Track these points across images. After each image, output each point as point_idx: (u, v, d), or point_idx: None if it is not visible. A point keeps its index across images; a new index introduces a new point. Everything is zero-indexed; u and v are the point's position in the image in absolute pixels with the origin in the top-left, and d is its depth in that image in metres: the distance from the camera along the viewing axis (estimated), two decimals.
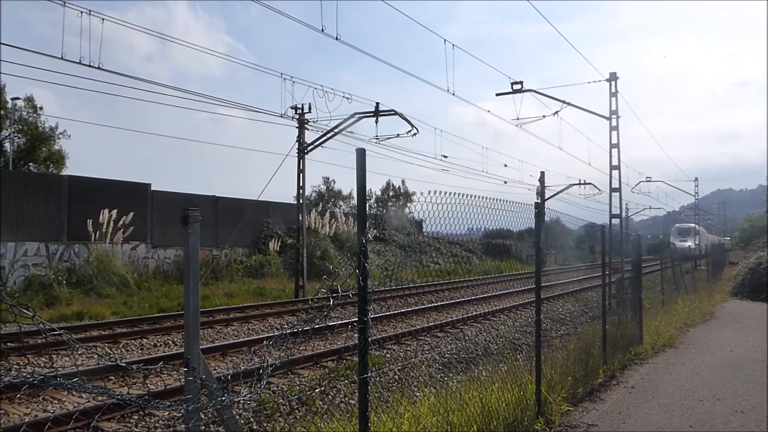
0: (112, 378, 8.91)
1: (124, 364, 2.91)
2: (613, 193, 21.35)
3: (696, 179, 57.68)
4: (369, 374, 4.13)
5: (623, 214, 22.44)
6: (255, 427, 6.90)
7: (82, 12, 14.06)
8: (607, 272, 11.46)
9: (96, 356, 8.47)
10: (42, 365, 10.15)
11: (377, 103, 21.52)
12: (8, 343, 11.32)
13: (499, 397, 6.30)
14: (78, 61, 13.96)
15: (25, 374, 2.47)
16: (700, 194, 63.01)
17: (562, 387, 7.54)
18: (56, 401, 7.86)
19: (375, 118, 21.79)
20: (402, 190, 69.50)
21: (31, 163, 39.05)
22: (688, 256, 36.48)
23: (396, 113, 21.89)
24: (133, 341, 12.42)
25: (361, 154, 4.11)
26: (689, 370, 10.09)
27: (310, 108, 22.02)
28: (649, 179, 49.13)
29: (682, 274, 24.84)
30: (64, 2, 13.67)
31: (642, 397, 8.23)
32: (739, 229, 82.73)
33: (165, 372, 3.04)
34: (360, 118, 21.67)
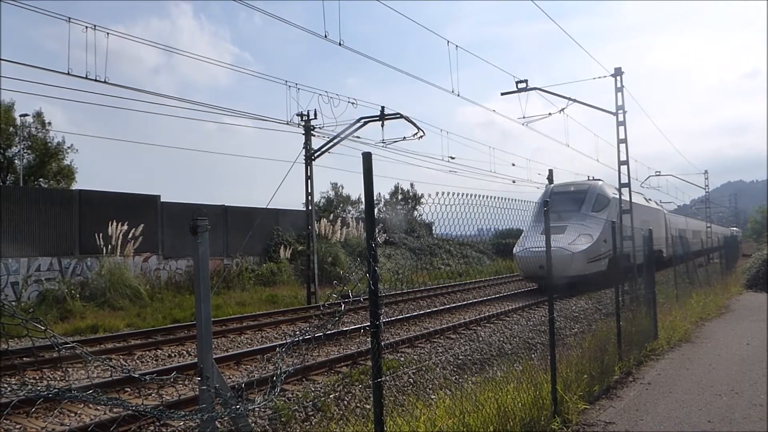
0: (128, 389, 8.93)
1: (137, 376, 2.92)
2: (622, 189, 21.25)
3: (706, 172, 57.22)
4: (383, 378, 4.12)
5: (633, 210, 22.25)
6: None
7: (87, 27, 14.16)
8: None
9: (110, 368, 8.52)
10: (58, 379, 10.20)
11: (382, 107, 21.56)
12: (23, 358, 11.38)
13: (514, 398, 6.27)
14: (84, 75, 14.06)
15: (40, 388, 2.48)
16: (711, 187, 62.53)
17: (578, 385, 7.49)
18: (73, 414, 7.89)
19: (381, 122, 21.82)
20: (410, 193, 69.42)
21: (41, 179, 39.34)
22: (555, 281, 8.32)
23: (401, 116, 21.90)
24: (147, 352, 12.46)
25: (367, 157, 4.10)
26: (706, 364, 10.00)
27: (315, 114, 22.06)
28: (658, 173, 48.84)
29: (696, 267, 24.67)
30: (69, 18, 13.77)
31: (659, 393, 8.17)
32: (751, 220, 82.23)
33: (179, 382, 3.05)
34: (366, 123, 21.70)
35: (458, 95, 20.91)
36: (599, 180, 26.12)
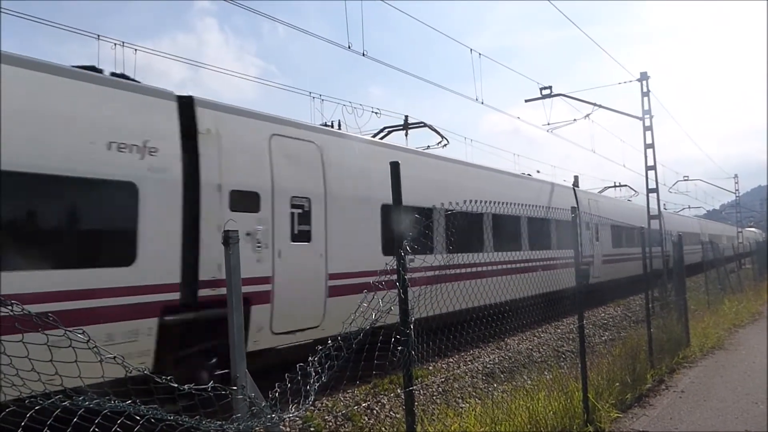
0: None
1: (176, 385, 2.97)
2: (650, 194, 21.01)
3: (736, 176, 56.26)
4: (413, 387, 4.13)
5: (662, 216, 22.01)
6: None
7: (115, 44, 14.43)
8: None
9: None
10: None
11: (406, 116, 21.51)
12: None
13: (546, 406, 6.23)
14: None
15: (81, 398, 2.54)
16: (741, 191, 61.47)
17: (609, 393, 7.41)
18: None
19: (405, 131, 21.80)
20: None
21: None
22: None
23: (425, 125, 21.87)
24: None
25: (395, 167, 4.14)
26: (741, 371, 9.81)
27: (339, 125, 22.09)
28: (686, 178, 48.20)
29: (727, 273, 24.22)
30: (99, 36, 14.06)
31: (693, 401, 8.03)
32: None
33: (214, 391, 3.10)
34: (390, 132, 21.70)
35: (482, 103, 20.85)
36: None
